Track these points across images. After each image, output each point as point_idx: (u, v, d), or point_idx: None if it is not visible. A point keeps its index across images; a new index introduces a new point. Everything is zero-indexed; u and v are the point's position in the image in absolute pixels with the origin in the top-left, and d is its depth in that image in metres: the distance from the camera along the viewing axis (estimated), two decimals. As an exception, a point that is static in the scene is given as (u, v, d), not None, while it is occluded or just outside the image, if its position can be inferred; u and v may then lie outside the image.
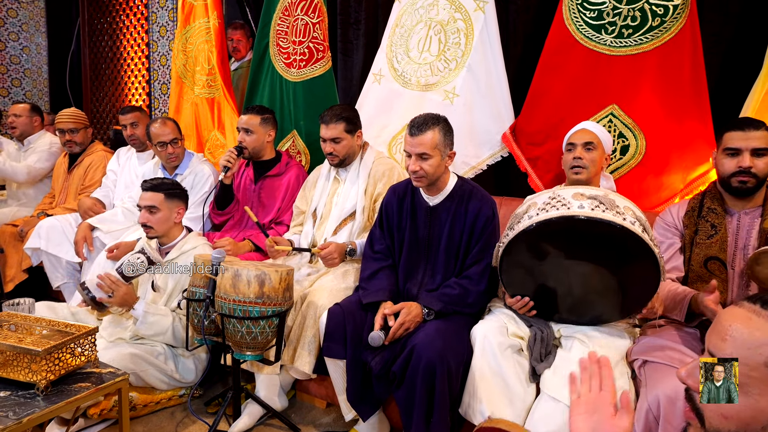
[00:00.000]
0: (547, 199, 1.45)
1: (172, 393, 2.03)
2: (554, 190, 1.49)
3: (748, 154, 1.48)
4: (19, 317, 1.53)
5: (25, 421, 1.20)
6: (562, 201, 1.41)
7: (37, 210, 3.12)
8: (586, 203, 1.37)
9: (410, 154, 1.71)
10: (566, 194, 1.43)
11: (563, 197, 1.42)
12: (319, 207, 2.26)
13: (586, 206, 1.36)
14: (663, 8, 1.91)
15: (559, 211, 1.38)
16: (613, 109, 2.07)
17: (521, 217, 1.48)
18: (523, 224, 1.44)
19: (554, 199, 1.43)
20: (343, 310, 1.78)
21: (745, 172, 1.49)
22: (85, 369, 1.45)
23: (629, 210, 1.39)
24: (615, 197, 1.41)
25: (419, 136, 1.68)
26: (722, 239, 1.52)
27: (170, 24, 3.78)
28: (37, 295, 2.12)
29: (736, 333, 0.68)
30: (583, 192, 1.41)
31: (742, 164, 1.49)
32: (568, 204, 1.39)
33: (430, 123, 1.69)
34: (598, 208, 1.35)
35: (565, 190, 1.46)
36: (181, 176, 2.66)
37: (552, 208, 1.40)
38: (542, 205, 1.44)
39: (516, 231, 1.45)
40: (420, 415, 1.54)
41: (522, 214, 1.49)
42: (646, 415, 1.27)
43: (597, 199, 1.38)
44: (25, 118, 3.27)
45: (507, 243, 1.49)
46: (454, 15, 2.39)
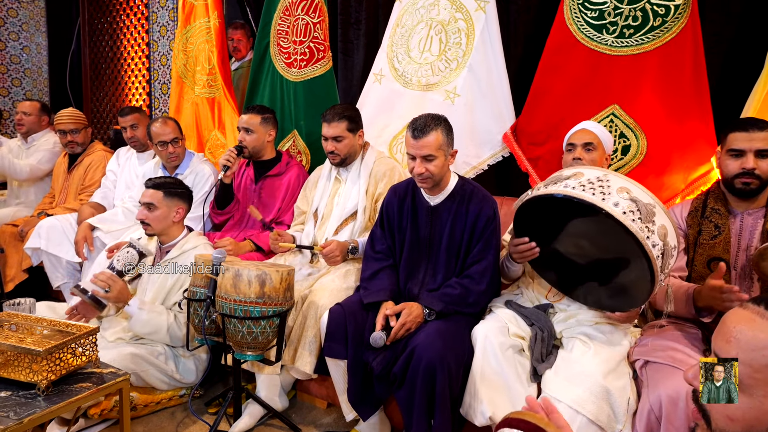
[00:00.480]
0: (594, 179, 1.36)
1: (172, 393, 2.03)
2: (607, 173, 1.38)
3: (752, 156, 1.48)
4: (19, 317, 1.53)
5: (26, 421, 1.20)
6: (604, 189, 1.32)
7: (37, 210, 3.12)
8: (623, 204, 1.28)
9: (414, 156, 1.70)
10: (614, 183, 1.34)
11: (609, 186, 1.32)
12: (320, 207, 2.26)
13: (621, 207, 1.28)
14: (664, 8, 1.91)
15: (594, 198, 1.31)
16: (614, 109, 2.06)
17: (561, 180, 1.42)
18: (555, 189, 1.39)
19: (599, 183, 1.34)
20: (345, 310, 1.78)
21: (748, 173, 1.48)
22: (86, 369, 1.44)
23: (663, 231, 1.28)
24: (657, 210, 1.30)
25: (423, 138, 1.67)
26: (726, 240, 1.52)
27: (171, 24, 3.78)
28: (37, 295, 2.12)
29: (740, 335, 0.68)
30: (630, 189, 1.32)
31: (745, 166, 1.48)
32: (607, 195, 1.30)
33: (432, 124, 1.68)
34: (631, 214, 1.27)
35: (617, 178, 1.36)
36: (181, 176, 2.66)
37: (589, 191, 1.33)
38: (586, 182, 1.36)
39: (545, 192, 1.40)
40: (420, 416, 1.54)
41: (562, 179, 1.42)
42: (648, 416, 1.27)
43: (636, 205, 1.28)
44: (34, 116, 3.27)
45: (532, 197, 1.45)
46: (455, 15, 2.39)
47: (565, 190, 1.36)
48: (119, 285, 1.85)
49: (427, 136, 1.66)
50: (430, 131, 1.67)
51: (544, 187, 1.44)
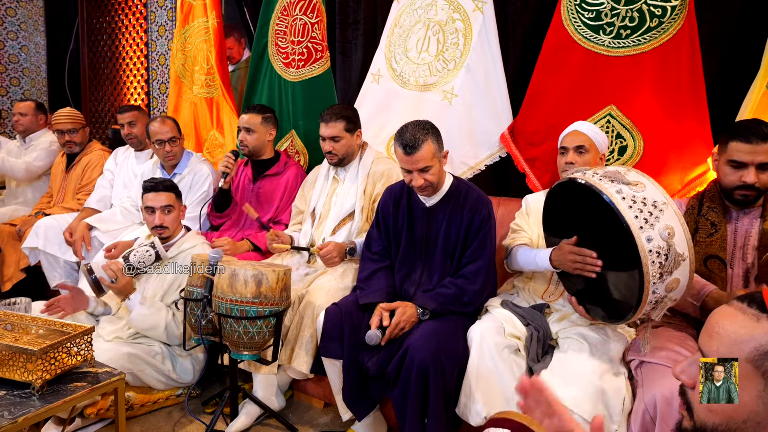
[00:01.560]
0: (650, 202, 1.26)
1: (169, 393, 2.03)
2: (667, 201, 1.28)
3: (753, 169, 1.43)
4: (15, 317, 1.53)
5: (20, 420, 1.20)
6: (651, 219, 1.23)
7: (35, 209, 3.12)
8: (656, 241, 1.21)
9: (410, 170, 1.69)
10: (664, 218, 1.24)
11: (658, 218, 1.23)
12: (317, 207, 2.26)
13: (653, 243, 1.21)
14: (661, 9, 1.91)
15: (634, 221, 1.23)
16: (611, 110, 2.07)
17: (619, 182, 1.32)
18: (607, 188, 1.30)
19: (653, 207, 1.25)
20: (341, 310, 1.78)
21: (749, 186, 1.45)
22: (81, 368, 1.44)
23: (673, 284, 1.22)
24: (683, 266, 1.23)
25: (416, 153, 1.65)
26: (722, 238, 1.52)
27: (169, 23, 3.78)
28: (34, 294, 2.12)
29: (722, 330, 0.70)
30: (675, 230, 1.22)
31: (746, 179, 1.44)
32: (649, 226, 1.22)
33: (421, 136, 1.65)
34: (657, 255, 1.20)
35: (671, 213, 1.26)
36: (180, 175, 2.66)
37: (636, 211, 1.24)
38: (640, 200, 1.27)
39: (597, 184, 1.31)
40: (413, 416, 1.54)
41: (620, 180, 1.33)
42: (642, 416, 1.28)
43: (668, 251, 1.21)
44: (30, 116, 3.27)
45: (585, 183, 1.35)
46: (453, 15, 2.39)
47: (615, 197, 1.26)
48: (125, 279, 1.86)
49: (420, 150, 1.65)
50: (421, 144, 1.65)
51: (599, 179, 1.34)
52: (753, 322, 0.67)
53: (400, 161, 1.71)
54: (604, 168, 1.39)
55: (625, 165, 2.07)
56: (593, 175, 1.35)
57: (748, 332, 0.67)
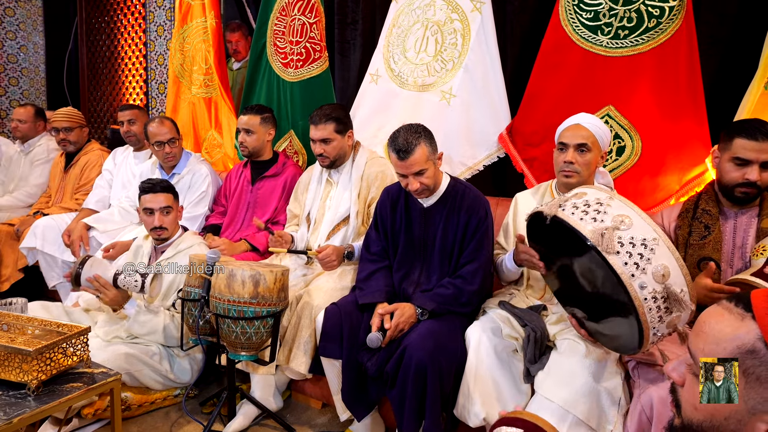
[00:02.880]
0: (639, 243, 1.14)
1: (167, 393, 2.03)
2: (659, 238, 1.15)
3: (757, 167, 1.42)
4: (11, 317, 1.53)
5: (15, 421, 1.20)
6: (642, 263, 1.12)
7: (34, 209, 3.12)
8: (650, 289, 1.09)
9: (405, 174, 1.69)
10: (657, 257, 1.13)
11: (651, 256, 1.12)
12: (312, 211, 2.25)
13: (646, 291, 1.10)
14: (659, 9, 1.91)
15: (586, 226, 1.15)
16: (609, 110, 2.06)
17: (565, 200, 1.28)
18: (551, 209, 1.26)
19: (642, 248, 1.13)
20: (340, 309, 1.78)
21: (751, 184, 1.44)
22: (77, 369, 1.44)
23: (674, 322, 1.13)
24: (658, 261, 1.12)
25: (409, 158, 1.64)
26: (716, 240, 1.52)
27: (168, 23, 3.78)
28: (32, 294, 2.12)
29: (707, 328, 0.71)
30: (670, 270, 1.12)
31: (749, 177, 1.42)
32: (640, 272, 1.11)
33: (413, 140, 1.65)
34: (653, 302, 1.10)
35: (665, 250, 1.14)
36: (178, 176, 2.66)
37: (625, 258, 1.13)
38: (583, 206, 1.22)
39: (569, 220, 1.23)
40: (410, 416, 1.54)
41: (566, 200, 1.28)
42: (639, 416, 1.27)
43: (666, 294, 1.10)
44: (29, 123, 3.27)
45: (558, 219, 1.26)
46: (451, 15, 2.39)
47: (600, 243, 1.14)
48: (111, 293, 1.83)
49: (413, 155, 1.64)
50: (414, 148, 1.64)
51: (580, 218, 1.21)
52: (737, 321, 0.68)
53: (395, 166, 1.71)
54: (585, 196, 1.26)
55: (623, 165, 2.07)
56: (573, 210, 1.22)
57: (732, 331, 0.68)
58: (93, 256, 1.88)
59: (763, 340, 0.65)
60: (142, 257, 2.12)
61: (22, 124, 3.24)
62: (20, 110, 3.27)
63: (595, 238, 1.14)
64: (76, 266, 1.82)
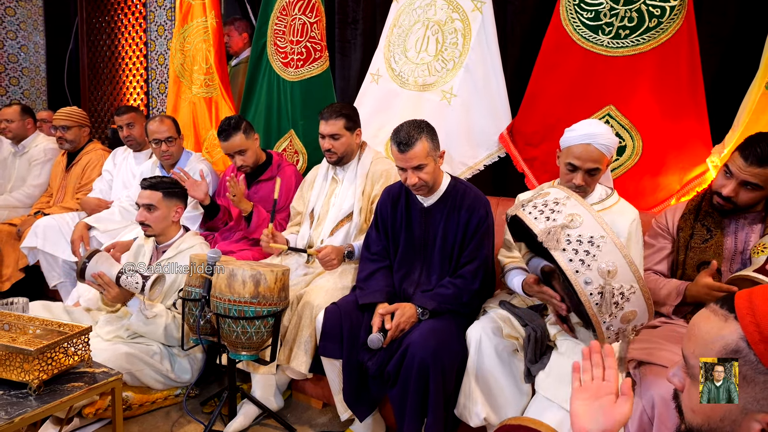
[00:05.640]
0: (552, 202, 1.24)
1: (167, 393, 2.03)
2: (606, 236, 1.18)
3: (735, 183, 1.46)
4: (12, 316, 1.53)
5: (17, 420, 1.20)
6: (553, 217, 1.20)
7: (34, 209, 3.12)
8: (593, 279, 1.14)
9: (404, 168, 1.69)
10: (564, 212, 1.20)
11: (598, 253, 1.16)
12: (316, 207, 2.25)
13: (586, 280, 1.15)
14: (660, 9, 1.91)
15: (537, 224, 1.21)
16: (610, 110, 2.06)
17: (528, 201, 1.33)
18: (517, 210, 1.32)
19: (589, 245, 1.17)
20: (340, 309, 1.78)
21: (725, 197, 1.48)
22: (79, 368, 1.44)
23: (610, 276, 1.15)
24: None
25: (409, 150, 1.65)
26: (717, 243, 1.52)
27: (168, 23, 3.78)
28: (33, 294, 2.12)
29: (696, 330, 0.72)
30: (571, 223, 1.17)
31: (723, 190, 1.47)
32: (588, 264, 1.15)
33: (415, 134, 1.66)
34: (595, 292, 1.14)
35: (571, 205, 1.21)
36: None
37: (538, 216, 1.22)
38: (541, 205, 1.27)
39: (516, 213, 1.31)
40: (412, 415, 1.54)
41: (530, 200, 1.33)
42: (640, 417, 1.27)
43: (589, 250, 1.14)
44: (17, 122, 3.26)
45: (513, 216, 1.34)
46: (452, 15, 2.39)
47: (547, 240, 1.20)
48: (114, 291, 1.83)
49: (413, 148, 1.65)
50: (415, 142, 1.65)
51: (535, 217, 1.27)
52: (722, 322, 0.69)
53: (395, 159, 1.72)
54: (547, 196, 1.29)
55: (624, 165, 2.07)
56: (531, 209, 1.28)
57: (717, 332, 0.69)
58: (100, 251, 1.88)
59: (745, 339, 0.66)
60: (143, 257, 2.12)
61: (11, 124, 3.23)
62: (6, 110, 3.25)
63: (542, 235, 1.20)
64: (83, 259, 1.82)
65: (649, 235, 1.69)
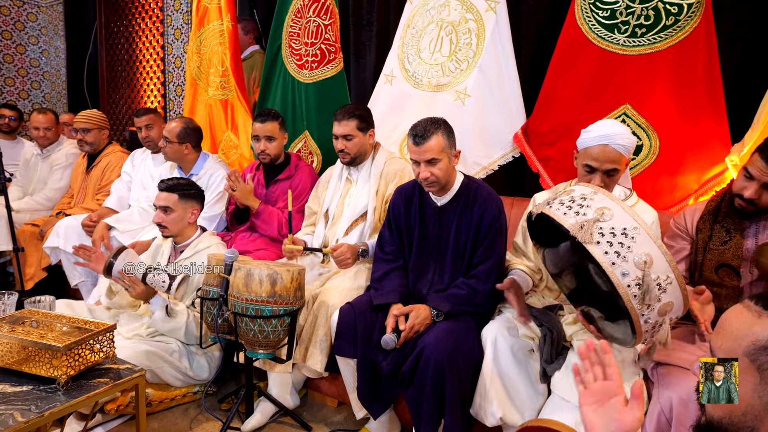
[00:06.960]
0: (579, 198, 1.22)
1: (186, 390, 2.07)
2: (639, 226, 1.16)
3: (757, 186, 1.43)
4: (40, 314, 1.57)
5: (46, 414, 1.24)
6: (583, 212, 1.18)
7: (56, 210, 3.20)
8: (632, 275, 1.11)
9: (418, 161, 1.71)
10: (593, 206, 1.18)
11: (631, 249, 1.14)
12: (331, 207, 2.28)
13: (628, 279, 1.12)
14: (677, 7, 1.89)
15: (568, 220, 1.19)
16: (626, 109, 2.05)
17: (554, 198, 1.31)
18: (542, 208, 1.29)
19: (583, 200, 1.20)
20: (354, 309, 1.79)
21: (747, 200, 1.45)
22: (104, 365, 1.48)
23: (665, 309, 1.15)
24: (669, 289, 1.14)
25: (424, 143, 1.67)
26: (736, 246, 1.49)
27: (185, 27, 3.84)
28: (55, 293, 2.17)
29: (727, 325, 0.73)
30: (654, 257, 1.13)
31: (745, 192, 1.44)
32: (623, 261, 1.13)
33: (432, 128, 1.68)
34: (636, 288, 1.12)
35: (599, 199, 1.20)
36: (196, 177, 2.70)
37: (613, 255, 1.15)
38: (568, 201, 1.25)
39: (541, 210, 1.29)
40: (429, 415, 1.55)
41: (555, 197, 1.31)
42: (658, 417, 1.27)
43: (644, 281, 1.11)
44: (54, 130, 3.36)
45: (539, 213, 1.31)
46: (466, 15, 2.39)
47: (580, 234, 1.17)
48: (139, 288, 1.87)
49: (428, 141, 1.67)
50: (431, 136, 1.67)
51: (564, 212, 1.24)
52: (754, 318, 0.69)
53: (410, 152, 1.73)
54: (573, 193, 1.28)
55: (641, 164, 2.05)
56: (559, 206, 1.25)
57: (748, 327, 0.69)
58: (127, 248, 1.92)
59: None
60: (161, 257, 2.16)
61: (49, 131, 3.33)
62: (40, 118, 3.29)
63: (574, 230, 1.18)
64: (110, 256, 1.87)
65: (667, 237, 1.67)
